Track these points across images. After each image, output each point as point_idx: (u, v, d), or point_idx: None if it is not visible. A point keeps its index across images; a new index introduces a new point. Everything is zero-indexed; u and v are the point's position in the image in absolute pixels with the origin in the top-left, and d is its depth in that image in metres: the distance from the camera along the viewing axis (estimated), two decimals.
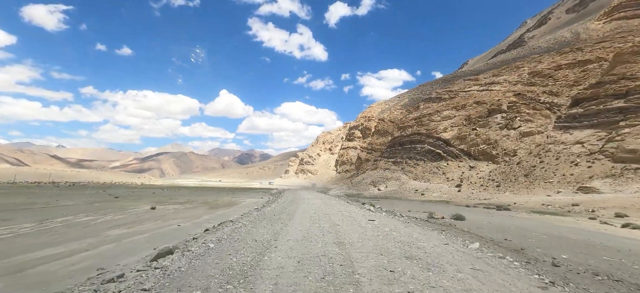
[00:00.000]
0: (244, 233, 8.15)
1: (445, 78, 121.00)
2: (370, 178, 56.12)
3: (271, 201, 24.50)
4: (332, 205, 19.15)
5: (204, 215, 15.46)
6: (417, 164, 52.11)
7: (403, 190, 46.50)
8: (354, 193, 50.62)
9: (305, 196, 29.66)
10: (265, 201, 24.59)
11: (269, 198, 29.42)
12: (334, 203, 21.25)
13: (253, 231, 8.55)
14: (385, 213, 15.41)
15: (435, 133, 53.26)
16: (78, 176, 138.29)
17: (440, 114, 55.59)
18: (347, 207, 17.58)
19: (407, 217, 13.61)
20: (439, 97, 64.77)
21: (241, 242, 6.92)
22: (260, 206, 19.08)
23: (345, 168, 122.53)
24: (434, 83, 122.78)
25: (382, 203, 29.16)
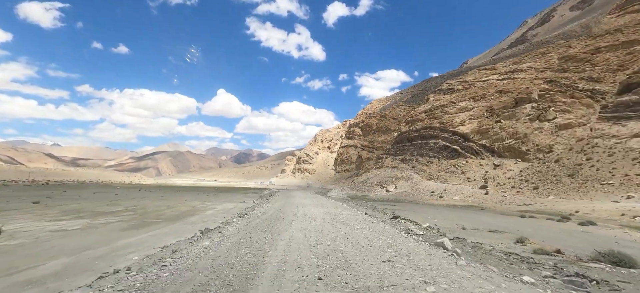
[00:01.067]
0: None
1: (452, 73, 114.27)
2: (376, 177, 49.14)
3: (251, 208, 17.40)
4: (345, 220, 12.03)
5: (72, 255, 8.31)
6: (431, 162, 45.18)
7: (416, 192, 39.57)
8: (359, 194, 43.67)
9: (300, 202, 22.65)
10: (242, 209, 17.51)
11: (253, 203, 22.35)
12: (345, 214, 14.13)
13: None
14: (444, 236, 8.27)
15: (451, 126, 46.35)
16: (62, 174, 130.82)
17: (455, 105, 48.71)
18: (372, 226, 10.54)
19: (486, 252, 6.60)
20: (452, 88, 57.92)
21: None
22: (224, 221, 11.99)
23: (344, 167, 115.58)
24: (439, 78, 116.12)
25: (400, 209, 22.26)
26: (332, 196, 39.22)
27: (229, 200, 25.61)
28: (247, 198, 30.26)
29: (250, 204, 21.64)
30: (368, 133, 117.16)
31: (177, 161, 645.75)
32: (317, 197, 30.77)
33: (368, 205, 24.77)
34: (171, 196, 30.72)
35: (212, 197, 30.41)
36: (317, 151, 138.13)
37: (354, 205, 21.97)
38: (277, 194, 37.35)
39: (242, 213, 14.70)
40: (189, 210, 17.77)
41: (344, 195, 44.64)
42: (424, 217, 17.05)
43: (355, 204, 23.96)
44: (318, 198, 29.86)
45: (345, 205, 21.91)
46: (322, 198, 29.51)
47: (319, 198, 30.10)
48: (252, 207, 18.16)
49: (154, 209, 17.83)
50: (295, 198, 27.75)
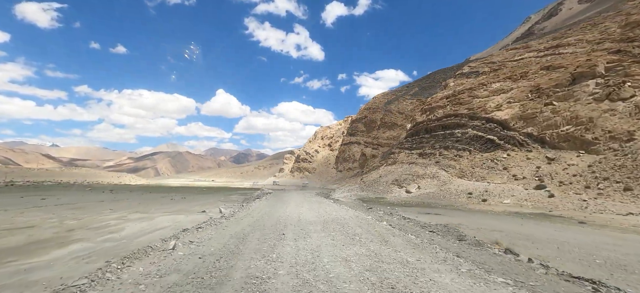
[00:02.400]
0: None
1: (462, 64, 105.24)
2: (391, 175, 40.13)
3: (203, 227, 8.33)
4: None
5: None
6: (460, 156, 36.22)
7: (447, 193, 30.60)
8: (371, 196, 34.70)
9: (294, 212, 13.60)
10: (182, 227, 8.41)
11: (220, 213, 13.38)
12: (411, 262, 4.86)
13: None
14: None
15: (484, 112, 37.39)
16: (45, 175, 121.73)
17: (486, 87, 39.77)
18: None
19: None
20: (476, 70, 49.00)
21: None
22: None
23: (347, 166, 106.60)
24: (448, 70, 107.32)
25: (444, 218, 13.42)
26: (339, 199, 30.23)
27: (189, 209, 16.49)
28: (227, 202, 21.28)
29: (214, 214, 12.68)
30: (372, 129, 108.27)
31: (176, 162, 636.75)
32: (321, 202, 21.74)
33: (395, 214, 15.78)
34: (114, 203, 21.57)
35: (171, 203, 21.29)
36: (317, 149, 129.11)
37: (374, 216, 12.94)
38: (268, 196, 28.33)
39: (160, 245, 5.58)
40: (65, 235, 8.71)
41: (352, 196, 35.67)
42: (497, 235, 8.18)
43: (374, 213, 14.92)
44: (322, 203, 20.75)
45: (361, 213, 12.90)
46: (327, 204, 20.48)
47: (323, 203, 21.01)
48: (205, 225, 9.13)
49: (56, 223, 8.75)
50: (289, 204, 18.67)
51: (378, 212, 15.69)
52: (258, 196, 28.25)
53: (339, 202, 23.90)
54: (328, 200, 26.49)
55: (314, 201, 20.90)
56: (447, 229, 10.67)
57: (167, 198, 26.69)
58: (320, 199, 26.06)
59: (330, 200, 25.80)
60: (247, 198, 26.90)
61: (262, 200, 22.33)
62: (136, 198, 26.85)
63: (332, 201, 23.35)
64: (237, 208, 16.22)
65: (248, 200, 23.26)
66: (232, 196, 32.60)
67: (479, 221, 14.94)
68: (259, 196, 29.46)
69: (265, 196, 29.27)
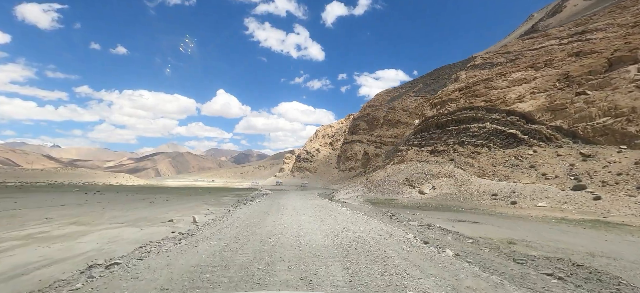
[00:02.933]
0: None
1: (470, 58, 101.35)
2: (401, 174, 36.42)
3: (133, 255, 4.47)
4: None
5: None
6: (478, 153, 32.51)
7: (467, 194, 26.89)
8: (381, 197, 31.02)
9: (290, 222, 9.81)
10: (100, 256, 4.59)
11: (194, 222, 9.68)
12: None
13: None
14: None
15: (504, 104, 33.68)
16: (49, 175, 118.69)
17: (505, 77, 36.03)
18: None
19: None
20: (490, 62, 45.30)
21: None
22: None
23: (349, 165, 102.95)
24: (453, 66, 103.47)
25: (470, 225, 9.71)
26: (347, 202, 26.53)
27: (157, 217, 12.74)
28: (215, 205, 17.62)
29: (183, 226, 8.99)
30: (374, 127, 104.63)
31: (177, 162, 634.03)
32: (326, 206, 17.97)
33: (431, 226, 12.06)
34: (76, 208, 17.86)
35: (142, 209, 17.58)
36: (318, 148, 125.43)
37: (420, 232, 9.16)
38: (264, 198, 24.65)
39: None
40: None
41: (358, 197, 31.99)
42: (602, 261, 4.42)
43: (409, 224, 11.15)
44: (329, 208, 16.91)
45: (409, 234, 9.14)
46: (335, 208, 16.72)
47: (329, 208, 17.19)
48: (144, 252, 5.40)
49: None
50: (286, 209, 14.88)
51: (408, 223, 11.96)
52: (252, 198, 24.57)
53: (348, 206, 20.20)
54: (334, 202, 22.80)
55: (318, 205, 17.18)
56: (565, 269, 6.77)
57: (147, 201, 23.01)
58: (325, 201, 22.35)
59: (337, 203, 22.10)
60: (239, 200, 23.23)
61: (254, 202, 18.64)
62: (110, 201, 23.21)
63: (339, 205, 19.63)
64: (220, 214, 12.59)
65: (239, 203, 19.61)
66: (224, 197, 28.95)
67: (540, 234, 11.21)
68: (254, 197, 25.78)
69: (260, 197, 25.57)
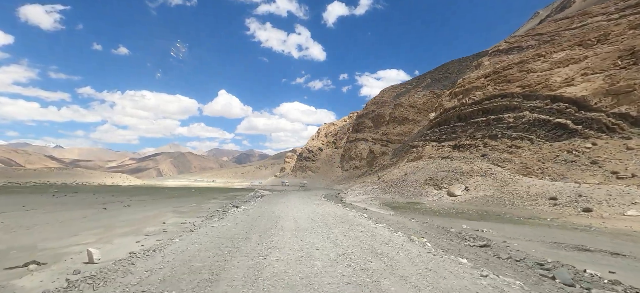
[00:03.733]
0: None
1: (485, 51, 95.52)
2: (422, 173, 30.76)
3: None
4: None
5: None
6: (517, 147, 26.86)
7: (512, 197, 21.23)
8: (400, 201, 25.39)
9: (281, 266, 4.11)
10: None
11: (134, 255, 4.09)
12: None
13: None
14: None
15: (547, 89, 28.00)
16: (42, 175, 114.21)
17: (546, 58, 30.35)
18: None
19: None
20: (518, 45, 39.63)
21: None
22: None
23: (353, 164, 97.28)
24: (463, 60, 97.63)
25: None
26: (362, 207, 20.90)
27: (41, 247, 7.23)
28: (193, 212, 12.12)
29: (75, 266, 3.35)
30: (380, 125, 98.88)
31: (178, 162, 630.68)
32: (343, 216, 12.27)
33: (490, 243, 6.44)
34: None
35: (75, 222, 12.05)
36: (320, 146, 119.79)
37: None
38: (258, 201, 19.02)
39: None
40: None
41: (374, 201, 26.37)
42: None
43: (469, 247, 5.46)
44: (348, 220, 11.06)
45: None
46: (357, 221, 11.10)
47: (347, 218, 11.39)
48: None
49: None
50: (284, 222, 9.23)
51: (501, 259, 6.31)
52: (240, 203, 18.96)
53: (371, 215, 14.53)
54: (348, 208, 17.19)
55: (333, 217, 11.54)
56: None
57: (97, 208, 17.45)
58: (337, 208, 16.73)
59: (353, 210, 16.46)
60: (223, 205, 17.67)
61: (239, 211, 13.02)
62: (70, 205, 17.76)
63: (359, 213, 13.96)
64: (162, 241, 6.99)
65: (219, 212, 14.03)
66: (209, 202, 23.40)
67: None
68: (244, 201, 20.17)
69: (252, 201, 19.93)
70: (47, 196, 29.56)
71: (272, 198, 25.39)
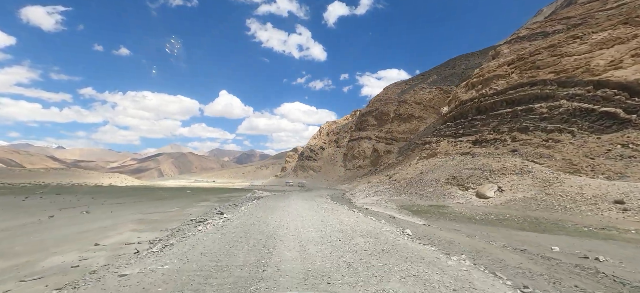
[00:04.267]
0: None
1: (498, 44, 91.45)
2: (441, 171, 26.89)
3: None
4: None
5: None
6: (555, 141, 22.97)
7: (562, 200, 17.35)
8: (421, 203, 21.54)
9: None
10: None
11: None
12: None
13: None
14: None
15: (589, 73, 24.10)
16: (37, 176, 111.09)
17: (584, 40, 26.43)
18: None
19: None
20: (543, 31, 35.73)
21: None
22: None
23: (356, 163, 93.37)
24: (470, 55, 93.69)
25: None
26: (374, 210, 17.09)
27: None
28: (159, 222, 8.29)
29: None
30: (384, 122, 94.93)
31: (179, 163, 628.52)
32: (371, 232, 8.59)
33: None
34: None
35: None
36: (322, 145, 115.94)
37: None
38: (250, 205, 15.20)
39: None
40: None
41: (389, 203, 22.54)
42: None
43: None
44: (388, 253, 7.40)
45: None
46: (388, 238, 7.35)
47: (382, 244, 7.75)
48: None
49: None
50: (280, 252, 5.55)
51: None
52: (236, 205, 15.10)
53: (420, 234, 10.65)
54: (371, 216, 13.37)
55: (359, 235, 7.67)
56: None
57: (53, 211, 13.64)
58: (355, 214, 12.89)
59: (375, 217, 12.63)
60: (207, 212, 13.82)
61: (222, 218, 9.13)
62: (24, 210, 14.00)
63: (390, 225, 10.08)
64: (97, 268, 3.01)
65: (203, 219, 10.18)
66: (200, 204, 19.62)
67: None
68: (239, 204, 16.32)
69: (246, 204, 16.06)
70: (19, 198, 25.89)
71: (270, 200, 21.56)
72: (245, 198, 25.86)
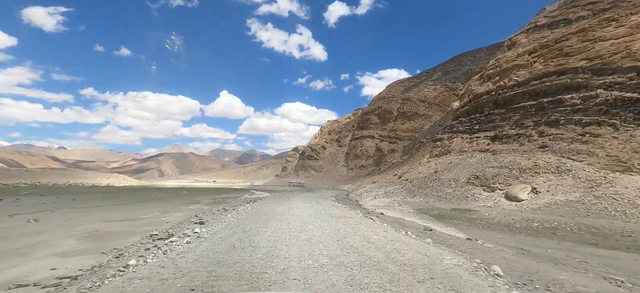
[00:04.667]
0: None
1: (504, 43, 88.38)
2: (461, 170, 23.93)
3: None
4: None
5: None
6: (594, 135, 20.02)
7: (615, 202, 14.38)
8: (442, 206, 18.59)
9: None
10: None
11: None
12: None
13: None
14: None
15: (630, 59, 21.14)
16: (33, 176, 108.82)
17: (621, 23, 23.45)
18: None
19: None
20: (565, 18, 32.78)
21: None
22: None
23: (359, 163, 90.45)
24: (476, 51, 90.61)
25: None
26: (393, 216, 14.18)
27: None
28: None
29: None
30: (387, 121, 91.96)
31: (180, 163, 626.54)
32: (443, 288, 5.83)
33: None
34: None
35: None
36: (323, 144, 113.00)
37: None
38: (238, 212, 12.32)
39: None
40: None
41: (402, 206, 19.64)
42: None
43: None
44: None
45: None
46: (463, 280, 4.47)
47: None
48: None
49: None
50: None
51: None
52: (225, 210, 12.17)
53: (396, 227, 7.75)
54: (389, 224, 10.48)
55: (391, 259, 4.82)
56: None
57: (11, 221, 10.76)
58: (381, 227, 9.99)
59: (403, 229, 9.71)
60: (198, 213, 10.94)
61: (198, 232, 6.19)
62: None
63: (448, 252, 7.15)
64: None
65: (169, 233, 7.22)
66: (189, 206, 16.71)
67: None
68: (229, 209, 13.36)
69: (237, 210, 13.11)
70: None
71: (267, 204, 18.63)
72: (241, 200, 22.96)
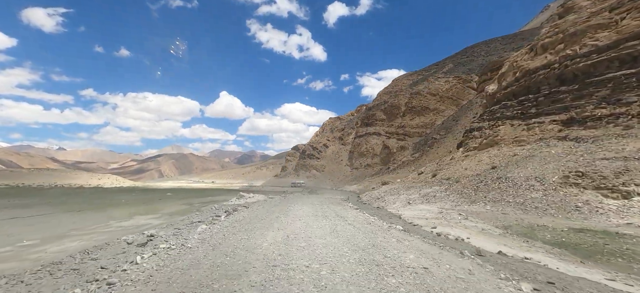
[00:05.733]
0: None
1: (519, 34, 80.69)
2: (542, 165, 16.39)
3: None
4: None
5: None
6: None
7: None
8: (539, 222, 11.13)
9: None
10: None
11: None
12: None
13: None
14: None
15: None
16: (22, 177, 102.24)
17: None
18: None
19: None
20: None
21: None
22: None
23: (364, 162, 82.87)
24: (490, 42, 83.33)
25: None
26: (449, 235, 6.70)
27: None
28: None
29: None
30: (395, 116, 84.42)
31: (180, 164, 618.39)
32: None
33: None
34: None
35: None
36: (326, 142, 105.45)
37: None
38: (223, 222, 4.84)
39: None
40: None
41: (467, 220, 12.19)
42: None
43: None
44: None
45: None
46: None
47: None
48: None
49: None
50: None
51: None
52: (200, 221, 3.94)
53: None
54: (469, 259, 3.04)
55: None
56: None
57: None
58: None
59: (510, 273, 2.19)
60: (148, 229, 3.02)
61: None
62: None
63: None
64: None
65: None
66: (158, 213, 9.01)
67: None
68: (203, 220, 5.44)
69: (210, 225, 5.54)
70: None
71: (260, 209, 11.05)
72: (225, 206, 15.25)
